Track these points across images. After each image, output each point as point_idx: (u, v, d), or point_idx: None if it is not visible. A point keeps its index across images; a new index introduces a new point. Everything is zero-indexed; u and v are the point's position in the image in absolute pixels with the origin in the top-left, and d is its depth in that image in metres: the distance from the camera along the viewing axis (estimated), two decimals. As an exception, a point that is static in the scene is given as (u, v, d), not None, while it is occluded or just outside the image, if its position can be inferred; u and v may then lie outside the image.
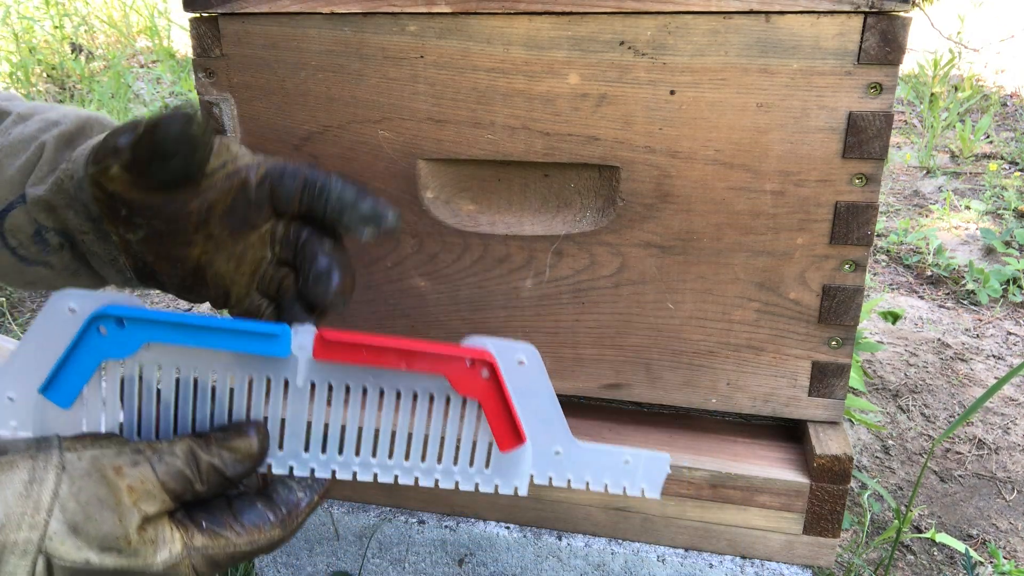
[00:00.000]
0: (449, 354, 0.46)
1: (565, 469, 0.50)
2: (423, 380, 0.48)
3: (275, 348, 0.46)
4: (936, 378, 1.42)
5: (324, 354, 0.46)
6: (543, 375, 0.48)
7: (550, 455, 0.50)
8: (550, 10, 0.60)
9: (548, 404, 0.49)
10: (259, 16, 0.65)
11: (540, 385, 0.49)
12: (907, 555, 1.03)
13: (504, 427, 0.48)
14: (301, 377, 0.47)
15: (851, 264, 0.63)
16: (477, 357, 0.47)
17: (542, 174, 0.67)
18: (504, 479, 0.50)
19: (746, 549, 0.69)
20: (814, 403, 0.68)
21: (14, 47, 3.21)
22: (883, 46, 0.57)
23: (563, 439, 0.50)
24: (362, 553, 0.77)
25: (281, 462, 0.48)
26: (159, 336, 0.46)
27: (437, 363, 0.47)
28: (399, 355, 0.46)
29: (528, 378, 0.48)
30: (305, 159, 0.69)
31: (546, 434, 0.50)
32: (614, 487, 0.50)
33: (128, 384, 0.48)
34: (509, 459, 0.50)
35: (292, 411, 0.48)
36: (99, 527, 0.42)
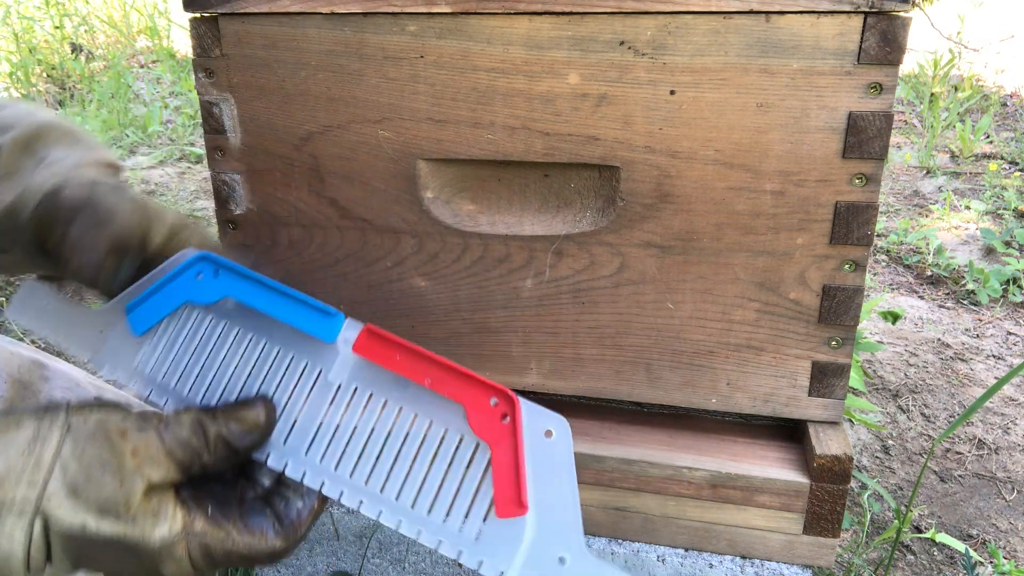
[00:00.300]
0: (476, 381, 0.44)
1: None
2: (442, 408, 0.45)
3: (325, 329, 0.47)
4: (936, 378, 1.42)
5: (365, 349, 0.46)
6: (569, 457, 0.44)
7: (552, 560, 0.43)
8: (550, 10, 0.60)
9: (566, 494, 0.44)
10: (259, 16, 0.65)
11: (564, 467, 0.44)
12: (907, 555, 1.03)
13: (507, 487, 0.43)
14: (335, 371, 0.47)
15: (851, 264, 0.63)
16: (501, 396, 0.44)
17: (542, 174, 0.67)
18: (491, 558, 0.44)
19: (746, 549, 0.69)
20: (814, 403, 0.68)
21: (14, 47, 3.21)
22: (883, 46, 0.57)
23: (573, 544, 0.43)
24: (362, 553, 0.77)
25: (279, 457, 0.47)
26: (240, 294, 0.49)
27: (461, 388, 0.44)
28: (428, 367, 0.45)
29: (551, 454, 0.44)
30: (305, 159, 0.69)
31: (554, 530, 0.43)
32: None
33: (196, 331, 0.51)
34: (503, 535, 0.44)
35: (310, 407, 0.47)
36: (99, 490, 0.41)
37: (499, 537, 0.44)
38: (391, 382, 0.46)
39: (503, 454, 0.43)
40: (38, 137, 0.59)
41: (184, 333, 0.50)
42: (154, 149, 2.59)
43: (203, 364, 0.50)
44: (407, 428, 0.46)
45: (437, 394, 0.45)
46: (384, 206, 0.69)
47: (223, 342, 0.50)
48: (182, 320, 0.50)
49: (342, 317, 0.47)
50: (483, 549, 0.44)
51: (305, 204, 0.71)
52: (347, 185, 0.69)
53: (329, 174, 0.69)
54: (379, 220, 0.70)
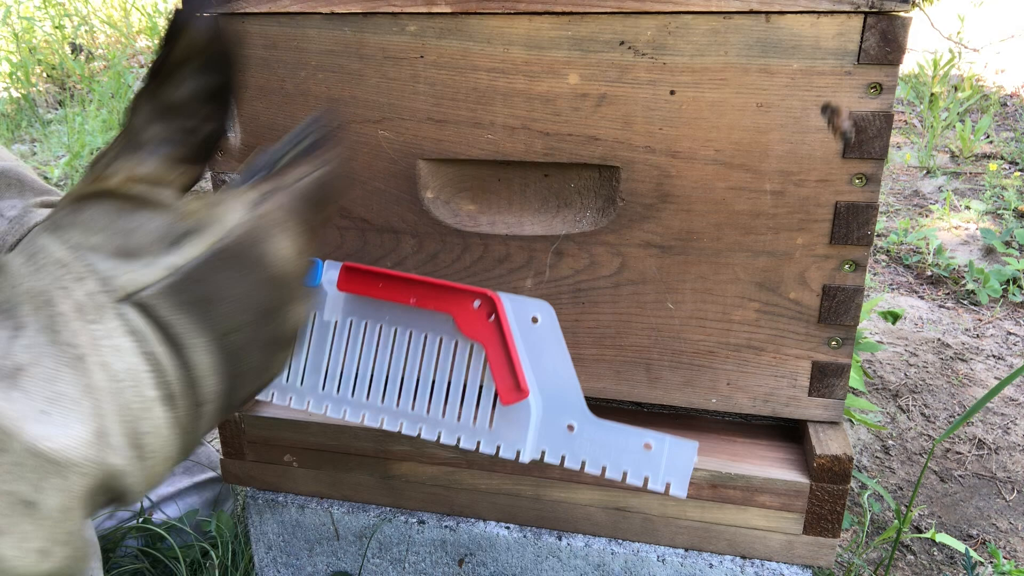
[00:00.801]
0: (455, 290, 0.47)
1: (578, 448, 0.47)
2: (433, 321, 0.48)
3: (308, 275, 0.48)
4: (936, 378, 1.42)
5: (347, 285, 0.49)
6: (558, 336, 0.47)
7: (562, 430, 0.47)
8: (550, 10, 0.60)
9: (562, 369, 0.47)
10: (259, 16, 0.65)
11: (554, 347, 0.47)
12: (907, 555, 1.03)
13: (506, 376, 0.46)
14: (328, 310, 0.50)
15: (851, 264, 0.63)
16: (483, 297, 0.47)
17: (542, 174, 0.67)
18: (507, 442, 0.47)
19: (746, 549, 0.69)
20: (814, 403, 0.68)
21: (14, 47, 3.21)
22: (883, 46, 0.57)
23: (578, 411, 0.47)
24: (362, 553, 0.77)
25: (300, 398, 0.51)
26: None
27: (445, 300, 0.47)
28: (410, 287, 0.48)
29: (541, 337, 0.47)
30: (305, 159, 0.69)
31: (558, 403, 0.47)
32: (634, 476, 0.46)
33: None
34: (513, 419, 0.47)
35: (315, 347, 0.50)
36: (142, 225, 0.31)
37: (510, 422, 0.47)
38: (380, 308, 0.49)
39: (496, 349, 0.47)
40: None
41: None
42: (154, 149, 2.59)
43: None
44: (406, 346, 0.49)
45: (424, 310, 0.48)
46: (384, 206, 0.69)
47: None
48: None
49: (319, 261, 0.49)
50: (497, 435, 0.48)
51: (305, 204, 0.71)
52: (348, 185, 0.69)
53: (329, 174, 0.69)
54: (379, 220, 0.70)
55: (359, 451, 0.74)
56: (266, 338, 0.33)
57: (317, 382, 0.51)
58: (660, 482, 0.46)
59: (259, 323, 0.32)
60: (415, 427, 0.49)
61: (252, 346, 0.32)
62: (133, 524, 0.89)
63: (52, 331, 0.28)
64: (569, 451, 0.47)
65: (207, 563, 0.88)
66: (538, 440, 0.47)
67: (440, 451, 0.71)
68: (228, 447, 0.77)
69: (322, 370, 0.51)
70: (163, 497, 0.90)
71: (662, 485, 0.46)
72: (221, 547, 0.89)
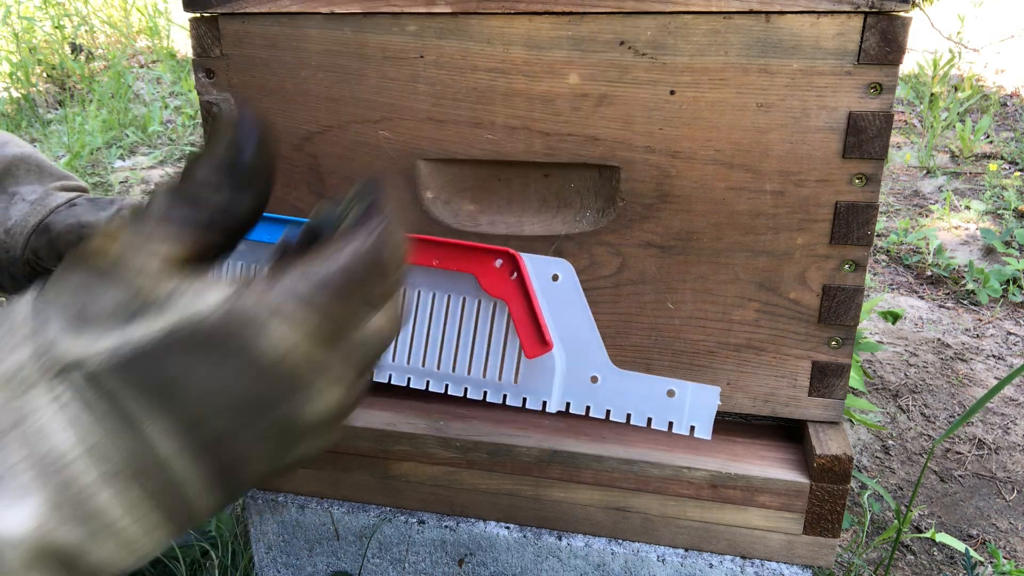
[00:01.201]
0: (478, 249, 0.48)
1: (602, 399, 0.48)
2: (456, 281, 0.49)
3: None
4: (936, 378, 1.42)
5: None
6: (579, 292, 0.48)
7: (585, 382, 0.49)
8: (550, 10, 0.60)
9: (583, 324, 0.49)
10: (259, 16, 0.65)
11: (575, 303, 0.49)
12: (907, 555, 1.03)
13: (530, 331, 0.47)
14: None
15: (851, 264, 0.63)
16: (505, 256, 0.48)
17: (542, 174, 0.67)
18: (533, 394, 0.49)
19: (746, 549, 0.69)
20: (814, 403, 0.68)
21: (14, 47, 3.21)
22: (883, 46, 0.57)
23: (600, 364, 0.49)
24: (362, 553, 0.77)
25: None
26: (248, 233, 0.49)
27: (467, 260, 0.48)
28: (433, 249, 0.48)
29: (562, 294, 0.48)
30: (305, 159, 0.69)
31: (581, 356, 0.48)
32: (658, 422, 0.47)
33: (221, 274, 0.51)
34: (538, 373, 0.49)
35: None
36: (106, 296, 0.28)
37: (535, 374, 0.49)
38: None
39: (519, 305, 0.48)
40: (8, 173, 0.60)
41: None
42: (154, 149, 2.59)
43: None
44: (430, 306, 0.50)
45: (447, 271, 0.49)
46: (384, 206, 0.69)
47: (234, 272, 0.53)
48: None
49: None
50: (523, 388, 0.49)
51: (305, 204, 0.71)
52: (347, 185, 0.69)
53: (329, 174, 0.69)
54: (379, 220, 0.70)
55: (359, 451, 0.74)
56: (266, 429, 0.29)
57: None
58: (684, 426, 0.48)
59: (248, 414, 0.29)
60: (441, 384, 0.51)
61: (244, 435, 0.29)
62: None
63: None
64: (593, 402, 0.49)
65: (207, 563, 0.88)
66: (563, 392, 0.49)
67: (440, 451, 0.71)
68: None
69: None
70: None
71: (686, 428, 0.48)
72: (221, 547, 0.89)
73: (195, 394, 0.28)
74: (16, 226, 0.57)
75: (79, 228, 0.55)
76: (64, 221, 0.56)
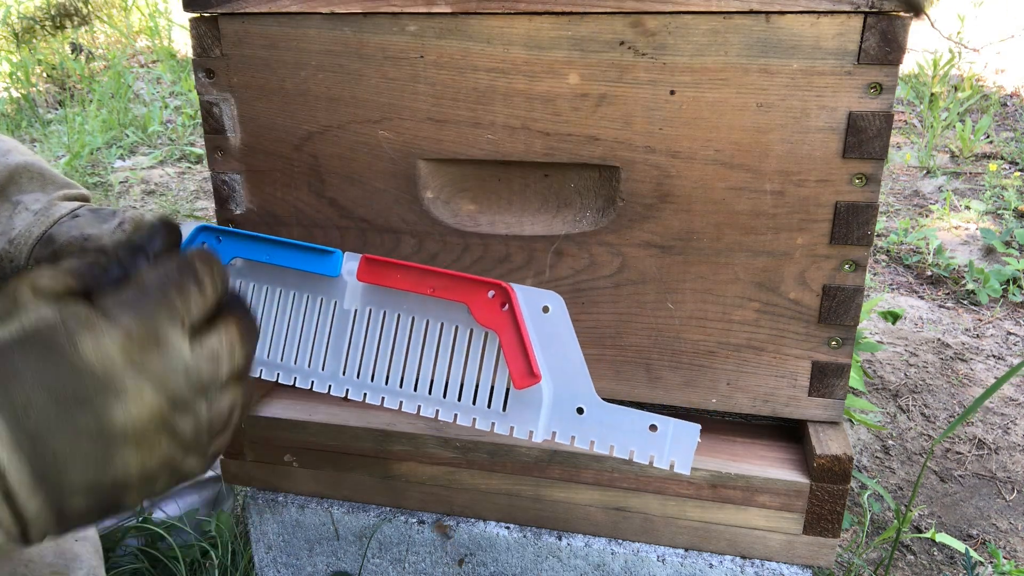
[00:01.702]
0: (471, 280, 0.50)
1: (587, 430, 0.50)
2: (448, 310, 0.51)
3: (328, 266, 0.52)
4: (936, 378, 1.42)
5: (367, 275, 0.52)
6: (568, 325, 0.49)
7: (571, 413, 0.50)
8: (550, 10, 0.60)
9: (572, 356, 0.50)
10: (259, 16, 0.65)
11: (564, 335, 0.50)
12: (907, 555, 1.03)
13: (519, 362, 0.49)
14: (348, 299, 0.53)
15: (851, 264, 0.63)
16: (497, 288, 0.49)
17: (542, 174, 0.67)
18: (519, 422, 0.50)
19: (746, 549, 0.69)
20: (814, 403, 0.68)
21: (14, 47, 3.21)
22: (883, 46, 0.57)
23: (586, 396, 0.50)
24: (362, 553, 0.77)
25: (322, 381, 0.54)
26: (246, 252, 0.54)
27: (460, 290, 0.50)
28: (427, 278, 0.50)
29: (552, 326, 0.49)
30: (305, 159, 0.69)
31: (568, 388, 0.50)
32: (640, 455, 0.49)
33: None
34: (526, 402, 0.50)
35: (336, 333, 0.54)
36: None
37: (522, 404, 0.50)
38: (398, 298, 0.52)
39: (509, 336, 0.50)
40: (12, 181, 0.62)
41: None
42: (154, 149, 2.59)
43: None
44: (423, 333, 0.52)
45: (441, 299, 0.51)
46: (384, 206, 0.69)
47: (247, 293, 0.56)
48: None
49: (340, 253, 0.52)
50: (511, 417, 0.51)
51: (305, 204, 0.71)
52: (347, 185, 0.69)
53: (329, 174, 0.69)
54: (379, 220, 0.70)
55: (359, 451, 0.74)
56: (79, 425, 0.33)
57: (338, 368, 0.54)
58: (665, 461, 0.49)
59: (61, 407, 0.32)
60: (432, 409, 0.52)
61: (60, 429, 0.32)
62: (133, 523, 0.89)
63: None
64: (579, 432, 0.50)
65: (207, 563, 0.88)
66: (549, 422, 0.50)
67: (440, 451, 0.71)
68: (228, 447, 0.77)
69: (342, 356, 0.53)
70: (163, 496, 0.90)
71: (667, 463, 0.49)
72: (221, 547, 0.89)
73: (21, 385, 0.32)
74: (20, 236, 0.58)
75: (82, 240, 0.56)
76: (68, 233, 0.57)
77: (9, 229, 0.59)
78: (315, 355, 0.54)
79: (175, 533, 0.90)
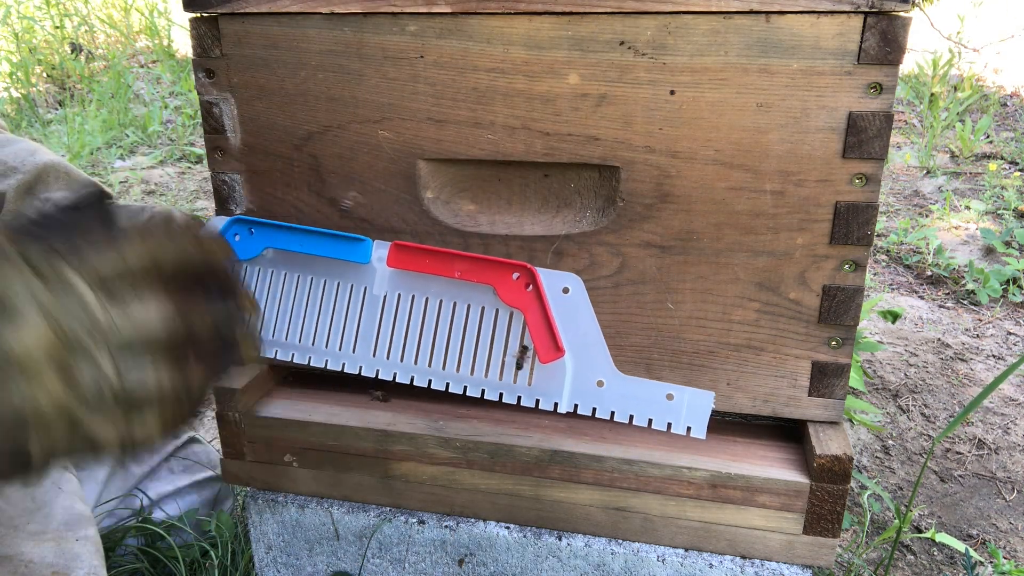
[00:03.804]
0: (496, 263, 0.53)
1: (608, 401, 0.53)
2: (475, 292, 0.54)
3: (359, 253, 0.55)
4: (936, 378, 1.42)
5: (397, 261, 0.55)
6: (587, 305, 0.54)
7: (592, 385, 0.54)
8: (550, 10, 0.60)
9: (591, 333, 0.54)
10: (259, 16, 0.65)
11: (583, 314, 0.53)
12: (907, 555, 1.03)
13: (544, 338, 0.52)
14: (377, 285, 0.56)
15: (851, 264, 0.63)
16: (521, 270, 0.53)
17: (542, 174, 0.67)
18: (545, 395, 0.54)
19: (746, 549, 0.69)
20: (814, 403, 0.68)
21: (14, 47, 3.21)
22: (883, 46, 0.57)
23: (606, 369, 0.54)
24: (362, 553, 0.77)
25: (353, 363, 0.57)
26: (277, 242, 0.57)
27: (486, 272, 0.53)
28: (454, 261, 0.54)
29: (572, 305, 0.53)
30: (305, 159, 0.69)
31: (588, 362, 0.53)
32: (659, 423, 0.53)
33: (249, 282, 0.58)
34: (549, 376, 0.54)
35: (366, 317, 0.56)
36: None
37: (547, 378, 0.54)
38: (426, 282, 0.55)
39: (534, 315, 0.53)
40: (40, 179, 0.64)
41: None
42: (154, 149, 2.59)
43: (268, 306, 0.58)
44: (451, 314, 0.55)
45: (468, 282, 0.54)
46: (384, 206, 0.69)
47: (277, 285, 0.58)
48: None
49: (370, 240, 0.55)
50: (536, 391, 0.54)
51: (305, 204, 0.71)
52: (347, 185, 0.69)
53: (329, 174, 0.69)
54: (379, 220, 0.70)
55: (359, 451, 0.74)
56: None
57: (368, 350, 0.56)
58: (682, 426, 0.53)
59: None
60: (460, 385, 0.56)
61: None
62: (133, 523, 0.89)
63: None
64: (600, 404, 0.54)
65: (207, 563, 0.88)
66: (572, 394, 0.54)
67: (440, 451, 0.71)
68: (228, 447, 0.77)
69: (372, 338, 0.56)
70: (163, 495, 0.90)
71: (684, 429, 0.53)
72: (221, 547, 0.89)
73: None
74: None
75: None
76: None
77: None
78: (346, 338, 0.57)
79: (175, 533, 0.90)
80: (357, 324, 0.56)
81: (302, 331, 0.57)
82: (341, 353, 0.57)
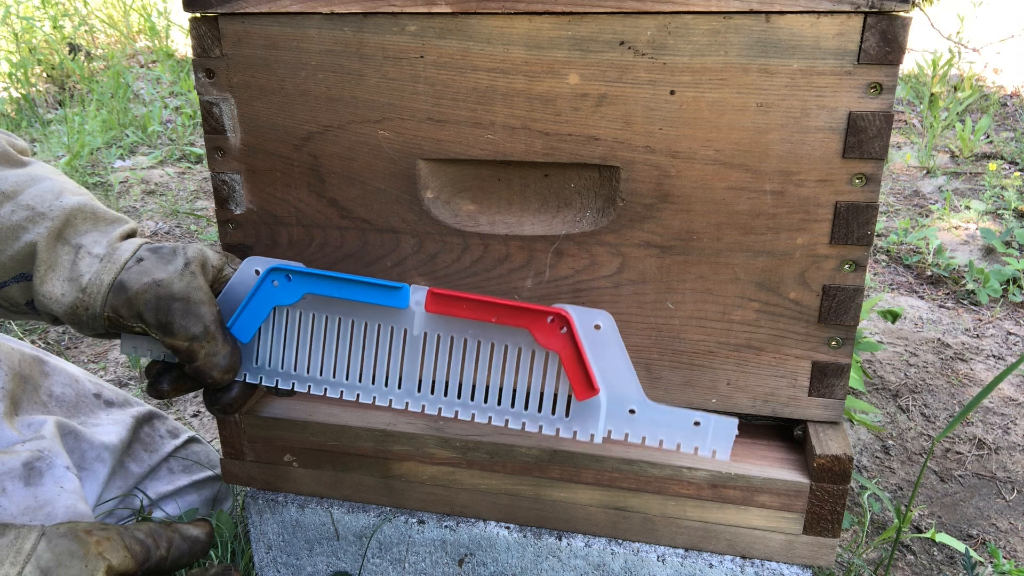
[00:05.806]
0: (532, 310, 0.56)
1: (640, 427, 0.56)
2: (512, 335, 0.57)
3: (397, 300, 0.57)
4: (936, 378, 1.42)
5: (434, 307, 0.57)
6: (617, 339, 0.56)
7: (625, 414, 0.57)
8: (550, 10, 0.60)
9: (622, 366, 0.56)
10: (259, 16, 0.65)
11: (615, 348, 0.56)
12: (907, 555, 1.03)
13: (580, 378, 0.55)
14: (417, 327, 0.59)
15: (851, 264, 0.63)
16: (556, 315, 0.55)
17: (542, 174, 0.67)
18: (581, 427, 0.57)
19: (746, 549, 0.69)
20: (814, 403, 0.68)
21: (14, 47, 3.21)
22: (883, 46, 0.57)
23: (637, 399, 0.56)
24: (362, 553, 0.77)
25: (399, 399, 0.60)
26: (316, 288, 0.59)
27: (522, 318, 0.56)
28: (491, 309, 0.56)
29: (604, 341, 0.56)
30: (305, 159, 0.69)
31: (621, 393, 0.56)
32: (686, 447, 0.56)
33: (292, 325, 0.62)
34: (585, 409, 0.57)
35: (408, 358, 0.60)
36: (67, 571, 0.50)
37: (583, 411, 0.57)
38: (463, 326, 0.58)
39: (569, 356, 0.56)
40: (68, 224, 0.64)
41: (284, 330, 0.62)
42: (154, 149, 2.59)
43: (311, 348, 0.62)
44: (489, 354, 0.58)
45: (504, 326, 0.57)
46: (384, 206, 0.69)
47: (319, 328, 0.61)
48: (277, 321, 0.63)
49: (407, 287, 0.58)
50: (574, 423, 0.57)
51: (305, 204, 0.71)
52: (347, 185, 0.69)
53: (329, 174, 0.69)
54: (379, 220, 0.70)
55: (359, 451, 0.74)
56: None
57: (413, 386, 0.60)
58: (708, 450, 0.56)
59: None
60: (502, 419, 0.59)
61: None
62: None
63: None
64: (632, 430, 0.57)
65: (206, 562, 0.88)
66: (606, 424, 0.57)
67: (440, 451, 0.71)
68: (228, 447, 0.77)
69: (416, 375, 0.60)
70: (162, 495, 0.90)
71: (710, 452, 0.56)
72: (221, 547, 0.89)
73: None
74: (91, 285, 0.61)
75: (155, 286, 0.60)
76: (139, 280, 0.61)
77: (77, 276, 0.62)
78: (391, 376, 0.60)
79: (175, 533, 0.90)
80: (400, 363, 0.60)
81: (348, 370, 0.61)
82: (387, 390, 0.60)
